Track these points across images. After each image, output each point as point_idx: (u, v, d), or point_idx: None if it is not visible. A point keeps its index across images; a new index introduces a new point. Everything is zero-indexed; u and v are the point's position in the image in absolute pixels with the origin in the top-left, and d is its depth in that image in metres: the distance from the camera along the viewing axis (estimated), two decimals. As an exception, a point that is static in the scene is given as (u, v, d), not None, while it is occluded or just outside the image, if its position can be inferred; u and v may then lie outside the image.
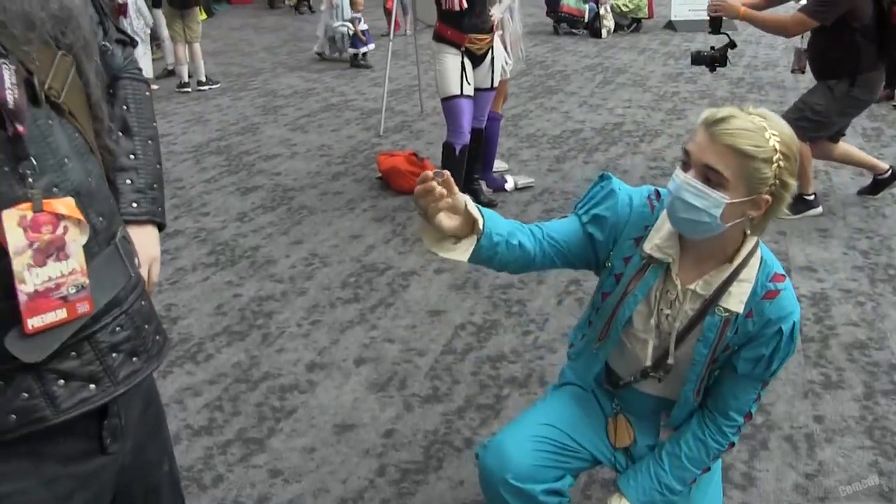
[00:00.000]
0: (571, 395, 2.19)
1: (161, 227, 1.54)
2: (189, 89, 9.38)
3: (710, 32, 4.96)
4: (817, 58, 4.86)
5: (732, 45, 4.89)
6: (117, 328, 1.17)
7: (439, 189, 1.60)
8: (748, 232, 1.80)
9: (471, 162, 5.11)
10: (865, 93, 4.75)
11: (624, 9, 13.74)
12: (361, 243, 4.76)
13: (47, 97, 1.07)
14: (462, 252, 1.71)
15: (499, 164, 5.91)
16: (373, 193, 5.64)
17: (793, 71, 5.60)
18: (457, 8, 4.63)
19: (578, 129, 7.38)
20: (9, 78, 0.99)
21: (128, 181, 1.45)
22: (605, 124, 7.54)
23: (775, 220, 4.90)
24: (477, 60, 4.85)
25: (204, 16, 11.91)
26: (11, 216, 1.00)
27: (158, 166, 1.55)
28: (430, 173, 1.60)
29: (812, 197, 5.10)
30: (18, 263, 1.01)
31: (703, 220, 1.70)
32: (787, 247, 4.60)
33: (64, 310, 1.06)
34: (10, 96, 0.99)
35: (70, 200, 1.06)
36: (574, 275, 4.14)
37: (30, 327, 1.03)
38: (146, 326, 1.25)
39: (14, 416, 1.06)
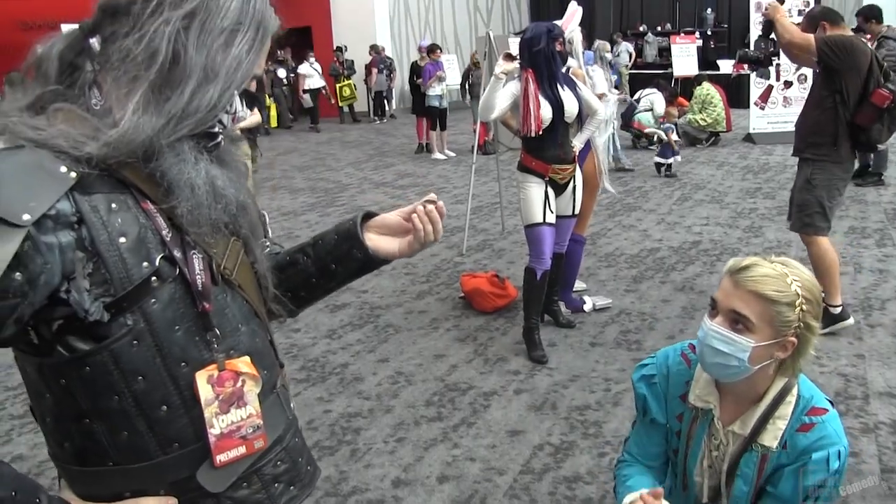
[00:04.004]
0: None
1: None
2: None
3: (761, 35, 5.41)
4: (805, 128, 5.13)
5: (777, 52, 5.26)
6: (279, 462, 1.42)
7: None
8: (775, 372, 1.93)
9: (551, 284, 5.31)
10: (844, 168, 5.03)
11: (702, 123, 13.87)
12: (445, 362, 4.97)
13: (222, 276, 1.32)
14: None
15: (578, 284, 6.08)
16: (456, 313, 5.87)
17: None
18: (532, 134, 4.89)
19: (656, 247, 7.53)
20: (198, 265, 1.25)
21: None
22: (683, 243, 7.67)
23: (853, 342, 4.87)
24: (559, 189, 5.07)
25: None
26: (202, 376, 1.27)
27: None
28: None
29: (839, 309, 5.10)
30: (208, 412, 1.27)
31: (731, 364, 1.84)
32: (866, 370, 4.60)
33: (244, 446, 1.32)
34: (200, 280, 1.25)
35: (247, 359, 1.33)
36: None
37: (218, 462, 1.29)
38: (300, 459, 1.49)
39: None
